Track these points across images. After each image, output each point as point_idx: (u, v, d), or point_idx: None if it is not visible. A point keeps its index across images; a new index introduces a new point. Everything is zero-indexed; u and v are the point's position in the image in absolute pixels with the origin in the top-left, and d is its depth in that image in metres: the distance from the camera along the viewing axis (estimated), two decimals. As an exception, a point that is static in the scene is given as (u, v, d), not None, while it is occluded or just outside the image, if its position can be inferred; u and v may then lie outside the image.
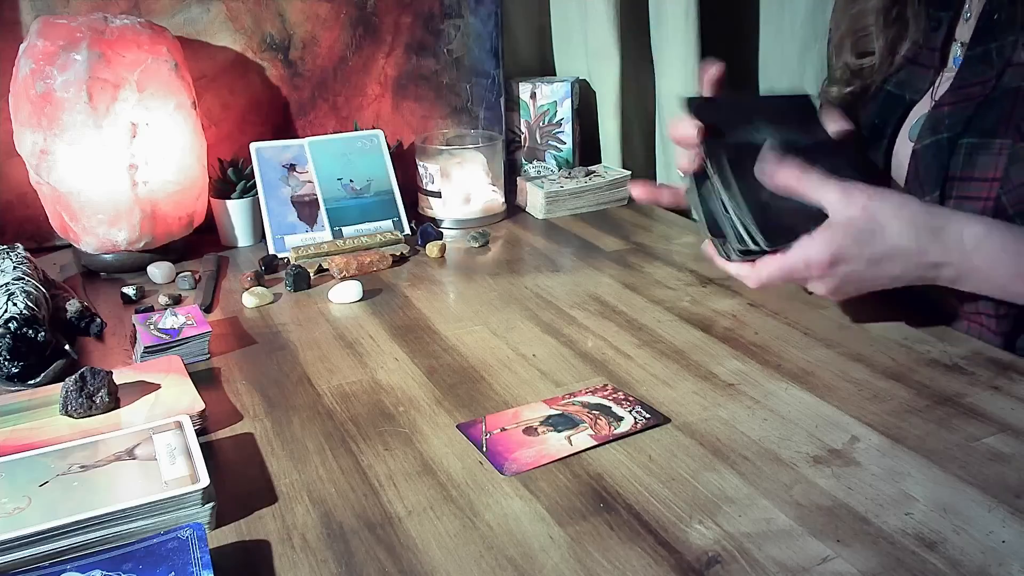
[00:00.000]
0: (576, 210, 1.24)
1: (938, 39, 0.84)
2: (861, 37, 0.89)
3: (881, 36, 0.87)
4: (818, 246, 0.70)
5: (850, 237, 0.69)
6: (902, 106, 0.85)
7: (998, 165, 0.74)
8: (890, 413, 0.68)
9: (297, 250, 1.04)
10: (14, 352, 0.76)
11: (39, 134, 0.97)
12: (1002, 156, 0.74)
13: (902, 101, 0.86)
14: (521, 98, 1.34)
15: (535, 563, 0.53)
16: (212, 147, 1.14)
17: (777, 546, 0.53)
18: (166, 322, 0.82)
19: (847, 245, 0.70)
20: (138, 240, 1.03)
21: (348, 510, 0.58)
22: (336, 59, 1.23)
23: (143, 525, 0.55)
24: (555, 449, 0.64)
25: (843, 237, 0.70)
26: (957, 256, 0.70)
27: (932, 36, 0.85)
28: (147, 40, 1.01)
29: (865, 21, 0.88)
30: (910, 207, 0.70)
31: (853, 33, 0.89)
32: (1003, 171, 0.73)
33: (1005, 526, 0.54)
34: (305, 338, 0.86)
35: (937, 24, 0.85)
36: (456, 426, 0.68)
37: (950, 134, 0.77)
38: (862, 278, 0.72)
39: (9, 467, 0.59)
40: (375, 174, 1.17)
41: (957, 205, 0.76)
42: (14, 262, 0.88)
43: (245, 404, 0.73)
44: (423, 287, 0.98)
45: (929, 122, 0.80)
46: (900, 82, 0.87)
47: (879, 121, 0.87)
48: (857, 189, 0.70)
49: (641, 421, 0.67)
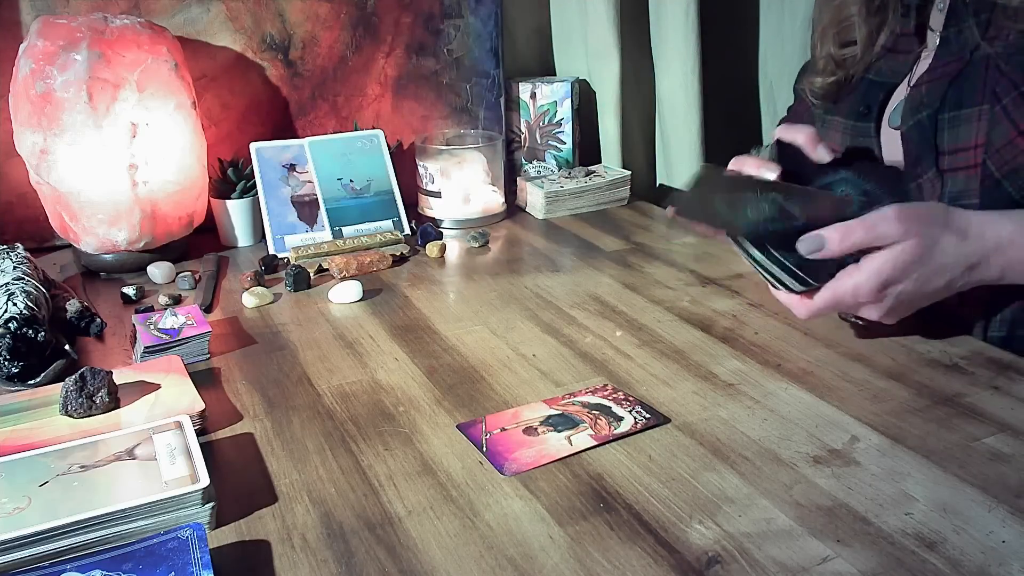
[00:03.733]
0: (576, 210, 1.24)
1: (910, 24, 0.86)
2: (844, 27, 0.90)
3: (864, 25, 0.88)
4: (865, 274, 0.70)
5: (900, 262, 0.69)
6: (883, 92, 0.87)
7: (979, 131, 0.75)
8: (890, 413, 0.68)
9: (297, 250, 1.04)
10: (14, 352, 0.76)
11: (39, 134, 0.97)
12: (982, 122, 0.75)
13: (882, 87, 0.87)
14: (521, 98, 1.34)
15: (535, 563, 0.53)
16: (212, 147, 1.14)
17: (777, 546, 0.53)
18: (166, 322, 0.82)
19: (897, 270, 0.69)
20: (138, 240, 1.03)
21: (348, 510, 0.58)
22: (336, 59, 1.23)
23: (143, 525, 0.55)
24: (555, 449, 0.64)
25: (891, 262, 0.69)
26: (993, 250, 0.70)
27: (904, 21, 0.87)
28: (147, 40, 1.01)
29: (848, 11, 0.89)
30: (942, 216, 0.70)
31: (837, 23, 0.91)
32: (984, 136, 0.74)
33: (1005, 526, 0.54)
34: (305, 338, 0.86)
35: (906, 10, 0.87)
36: (456, 426, 0.68)
37: (929, 111, 0.79)
38: (912, 297, 0.71)
39: (9, 467, 0.59)
40: (375, 174, 1.17)
41: (949, 177, 0.77)
42: (14, 262, 0.88)
43: (245, 404, 0.73)
44: (423, 287, 0.98)
45: (908, 103, 0.82)
46: (880, 70, 0.89)
47: (863, 108, 0.88)
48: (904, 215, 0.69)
49: (641, 421, 0.67)
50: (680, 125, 1.37)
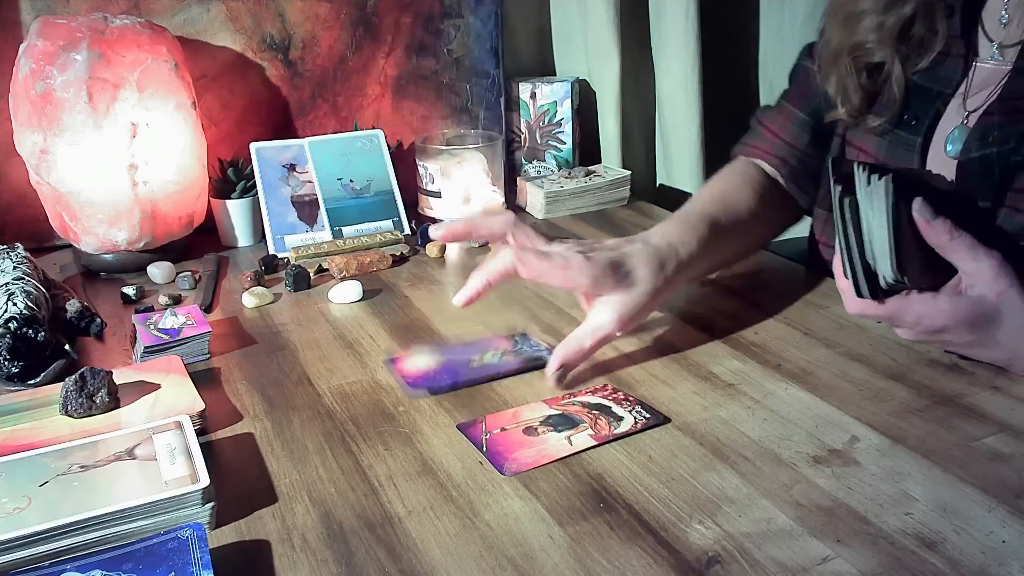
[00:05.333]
0: (576, 210, 1.24)
1: (956, 26, 0.80)
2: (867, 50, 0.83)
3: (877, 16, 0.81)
4: (937, 314, 0.66)
5: (971, 316, 0.66)
6: (932, 102, 0.81)
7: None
8: (890, 413, 0.68)
9: (297, 250, 1.04)
10: (14, 352, 0.76)
11: (39, 134, 0.97)
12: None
13: (930, 94, 0.81)
14: (521, 98, 1.34)
15: (535, 563, 0.53)
16: (212, 147, 1.14)
17: (777, 546, 0.53)
18: (166, 322, 0.82)
19: (963, 321, 0.66)
20: (138, 240, 1.03)
21: (348, 510, 0.58)
22: (336, 59, 1.23)
23: (143, 525, 0.55)
24: (555, 449, 0.64)
25: (965, 313, 0.66)
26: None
27: (951, 24, 0.80)
28: (147, 40, 1.01)
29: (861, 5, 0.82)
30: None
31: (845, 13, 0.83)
32: None
33: (1005, 526, 0.54)
34: (305, 338, 0.86)
35: (951, 11, 0.81)
36: (456, 426, 0.68)
37: (1000, 148, 0.73)
38: (953, 345, 0.71)
39: (9, 467, 0.59)
40: (375, 174, 1.17)
41: (1008, 216, 0.73)
42: (14, 262, 0.88)
43: (245, 404, 0.73)
44: (423, 287, 0.98)
45: (977, 132, 0.76)
46: (925, 72, 0.82)
47: (911, 119, 0.82)
48: (1005, 271, 0.65)
49: (641, 421, 0.67)
50: (680, 125, 1.37)
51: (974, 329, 0.67)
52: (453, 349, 0.81)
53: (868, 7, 0.82)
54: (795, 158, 0.95)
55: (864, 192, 0.67)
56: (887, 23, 0.81)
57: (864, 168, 0.67)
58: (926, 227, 0.66)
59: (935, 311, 0.67)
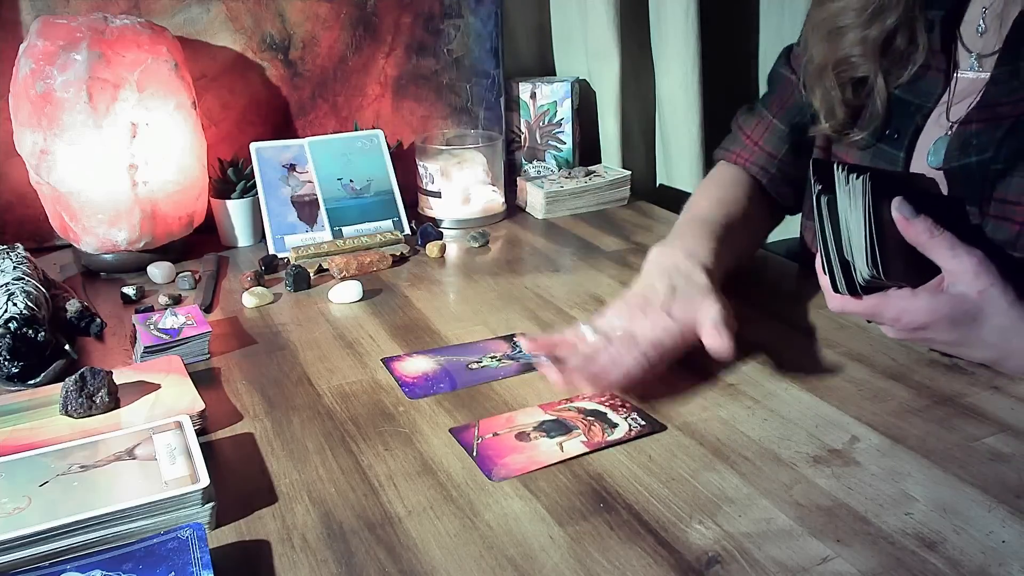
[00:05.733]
0: (576, 210, 1.24)
1: (936, 40, 0.81)
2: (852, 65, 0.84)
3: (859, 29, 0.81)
4: (917, 311, 0.66)
5: (952, 314, 0.66)
6: (912, 117, 0.81)
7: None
8: (890, 413, 0.68)
9: (297, 250, 1.04)
10: (14, 352, 0.76)
11: (39, 134, 0.97)
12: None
13: (910, 108, 0.82)
14: (521, 98, 1.34)
15: (535, 563, 0.53)
16: (212, 147, 1.14)
17: (777, 546, 0.53)
18: (166, 322, 0.82)
19: (943, 318, 0.66)
20: (138, 240, 1.03)
21: (348, 510, 0.58)
22: (336, 59, 1.23)
23: (143, 525, 0.55)
24: (545, 455, 0.64)
25: (945, 310, 0.66)
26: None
27: (931, 38, 0.81)
28: (147, 40, 1.01)
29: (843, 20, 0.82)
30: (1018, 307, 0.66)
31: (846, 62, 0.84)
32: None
33: (1005, 526, 0.54)
34: (305, 338, 0.86)
35: (931, 25, 0.81)
36: (448, 430, 0.68)
37: (979, 157, 0.74)
38: (936, 343, 0.71)
39: (9, 467, 0.59)
40: (375, 174, 1.17)
41: (994, 224, 0.73)
42: (14, 262, 0.88)
43: (245, 404, 0.73)
44: (423, 287, 0.98)
45: (956, 141, 0.76)
46: (906, 86, 0.83)
47: (892, 132, 0.83)
48: (986, 269, 0.65)
49: (636, 428, 0.67)
50: (680, 125, 1.37)
51: (956, 327, 0.67)
52: (451, 352, 0.81)
53: (851, 21, 0.82)
54: (775, 167, 0.96)
55: (843, 191, 0.68)
56: (870, 36, 0.81)
57: (843, 168, 0.68)
58: (905, 225, 0.66)
59: (914, 307, 0.67)
